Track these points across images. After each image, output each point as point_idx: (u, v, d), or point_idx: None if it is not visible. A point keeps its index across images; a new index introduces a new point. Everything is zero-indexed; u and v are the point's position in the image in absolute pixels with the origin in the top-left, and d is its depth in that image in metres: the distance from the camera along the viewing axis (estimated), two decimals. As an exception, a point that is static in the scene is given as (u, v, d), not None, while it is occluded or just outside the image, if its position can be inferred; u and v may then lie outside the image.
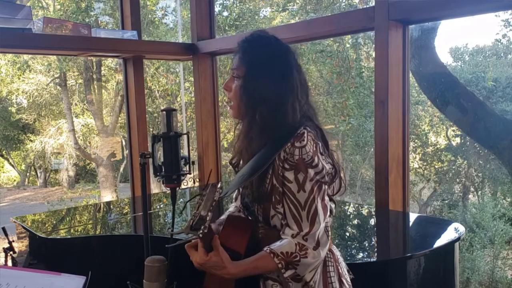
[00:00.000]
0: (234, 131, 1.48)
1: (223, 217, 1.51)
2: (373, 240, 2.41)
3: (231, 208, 1.58)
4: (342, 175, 1.41)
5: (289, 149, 1.28)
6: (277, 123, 1.31)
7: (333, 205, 1.41)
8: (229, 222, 1.42)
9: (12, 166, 16.18)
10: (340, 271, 1.42)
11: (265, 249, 1.29)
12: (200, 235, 1.11)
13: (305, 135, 1.29)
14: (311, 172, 1.27)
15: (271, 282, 1.37)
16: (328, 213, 1.33)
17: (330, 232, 1.33)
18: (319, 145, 1.32)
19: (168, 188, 1.53)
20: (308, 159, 1.27)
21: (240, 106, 1.36)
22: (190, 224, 1.15)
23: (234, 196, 1.59)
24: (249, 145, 1.37)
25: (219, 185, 1.20)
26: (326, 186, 1.33)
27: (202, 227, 1.11)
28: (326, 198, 1.33)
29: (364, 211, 3.08)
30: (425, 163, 9.58)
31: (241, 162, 1.46)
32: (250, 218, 1.45)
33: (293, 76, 1.35)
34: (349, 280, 1.45)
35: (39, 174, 16.11)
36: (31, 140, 13.18)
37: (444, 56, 12.68)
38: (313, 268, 1.30)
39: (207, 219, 1.13)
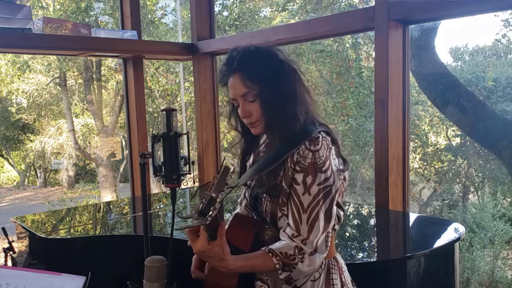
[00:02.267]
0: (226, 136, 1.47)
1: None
2: (373, 240, 2.41)
3: (237, 211, 1.57)
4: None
5: (302, 152, 1.27)
6: (291, 123, 1.31)
7: (341, 213, 1.39)
8: (236, 220, 1.42)
9: (12, 166, 16.19)
10: (343, 279, 1.40)
11: (263, 248, 1.28)
12: (209, 219, 1.09)
13: (320, 139, 1.28)
14: (321, 176, 1.26)
15: (260, 283, 1.37)
16: (333, 221, 1.31)
17: (330, 242, 1.32)
18: (333, 150, 1.32)
19: (168, 188, 1.53)
20: (319, 163, 1.26)
21: (269, 121, 1.34)
22: (199, 208, 1.12)
23: (239, 200, 1.59)
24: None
25: (231, 169, 1.18)
26: (336, 194, 1.31)
27: (212, 208, 1.09)
28: (334, 207, 1.30)
29: (364, 211, 3.08)
30: (425, 163, 9.58)
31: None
32: (257, 218, 1.44)
33: (290, 73, 1.35)
34: None
35: (39, 174, 16.11)
36: (31, 140, 13.19)
37: (444, 56, 12.71)
38: (307, 274, 1.30)
39: (218, 201, 1.10)
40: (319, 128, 1.33)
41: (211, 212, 1.10)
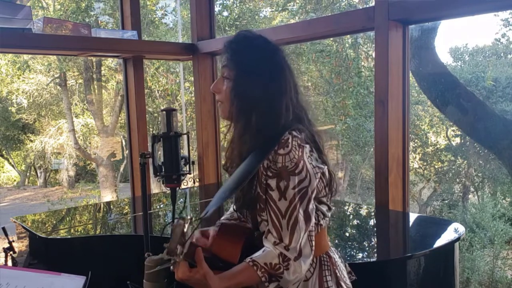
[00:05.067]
0: (226, 137, 1.41)
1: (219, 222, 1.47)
2: (373, 240, 2.41)
3: (227, 214, 1.55)
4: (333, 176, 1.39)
5: (272, 157, 1.24)
6: (271, 125, 1.28)
7: (325, 208, 1.36)
8: (222, 232, 1.38)
9: (12, 166, 16.18)
10: (338, 274, 1.38)
11: (247, 260, 1.24)
12: (176, 259, 1.13)
13: (289, 140, 1.24)
14: (295, 179, 1.23)
15: None
16: (313, 220, 1.28)
17: (314, 242, 1.27)
18: (306, 149, 1.27)
19: (168, 188, 1.53)
20: (291, 167, 1.23)
21: (231, 109, 1.32)
22: (161, 258, 1.17)
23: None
24: (241, 148, 1.32)
25: (188, 217, 1.19)
26: (313, 193, 1.28)
27: (174, 256, 1.13)
28: (311, 205, 1.27)
29: (364, 211, 3.08)
30: (425, 163, 9.58)
31: (233, 165, 1.42)
32: (243, 225, 1.41)
33: (285, 76, 1.32)
34: (348, 283, 1.42)
35: (39, 174, 16.11)
36: (31, 140, 13.18)
37: (444, 56, 12.71)
38: (294, 282, 1.27)
39: (177, 252, 1.13)
40: (292, 127, 1.28)
41: (179, 252, 1.13)
